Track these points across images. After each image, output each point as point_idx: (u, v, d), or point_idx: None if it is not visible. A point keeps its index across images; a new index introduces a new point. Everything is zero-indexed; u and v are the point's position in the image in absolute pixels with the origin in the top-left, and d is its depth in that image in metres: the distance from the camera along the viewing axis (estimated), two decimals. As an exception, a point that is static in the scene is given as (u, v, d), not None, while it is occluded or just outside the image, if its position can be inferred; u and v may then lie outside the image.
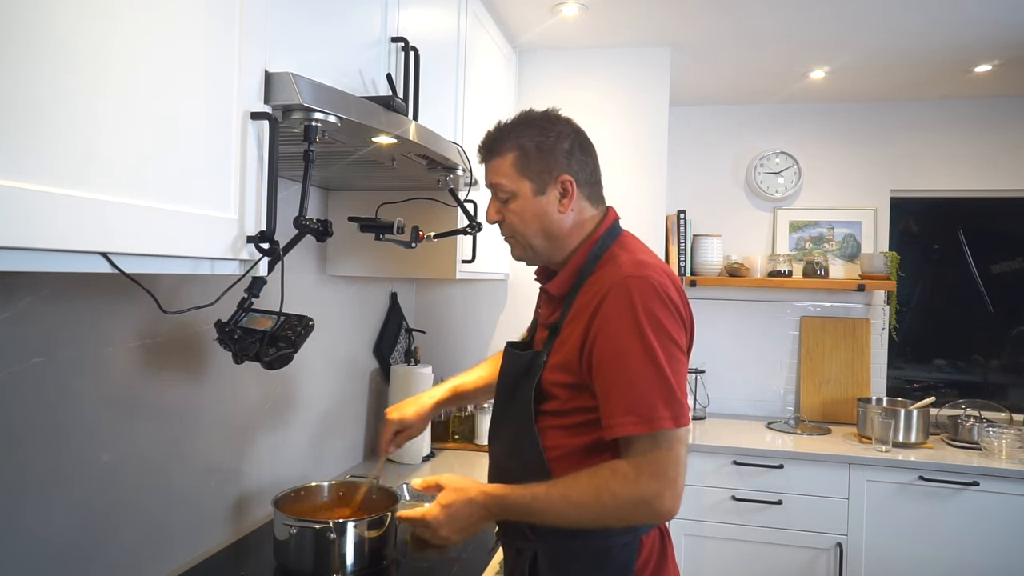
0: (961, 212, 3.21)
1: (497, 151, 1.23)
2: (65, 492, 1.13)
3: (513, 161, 1.21)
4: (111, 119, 0.72)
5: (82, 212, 0.68)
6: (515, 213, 1.23)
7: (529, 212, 1.22)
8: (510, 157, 1.22)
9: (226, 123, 0.90)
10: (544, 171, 1.21)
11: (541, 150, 1.21)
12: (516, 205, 1.23)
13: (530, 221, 1.23)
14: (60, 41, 0.65)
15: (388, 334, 2.41)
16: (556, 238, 1.24)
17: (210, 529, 1.51)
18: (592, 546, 1.16)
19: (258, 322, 1.13)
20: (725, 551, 2.63)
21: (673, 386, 1.08)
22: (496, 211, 1.26)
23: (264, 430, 1.71)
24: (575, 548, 1.17)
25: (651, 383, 1.06)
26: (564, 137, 1.23)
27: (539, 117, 1.25)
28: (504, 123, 1.26)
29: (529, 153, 1.21)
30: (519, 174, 1.21)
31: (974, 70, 2.67)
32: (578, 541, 1.16)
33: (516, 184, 1.22)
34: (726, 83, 2.97)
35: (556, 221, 1.23)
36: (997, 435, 2.57)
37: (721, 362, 3.21)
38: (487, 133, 1.27)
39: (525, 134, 1.22)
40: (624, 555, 1.17)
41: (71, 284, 1.13)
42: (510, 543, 1.28)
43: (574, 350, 1.14)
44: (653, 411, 1.06)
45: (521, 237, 1.25)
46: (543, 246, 1.25)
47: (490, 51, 2.26)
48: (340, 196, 2.00)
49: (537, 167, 1.21)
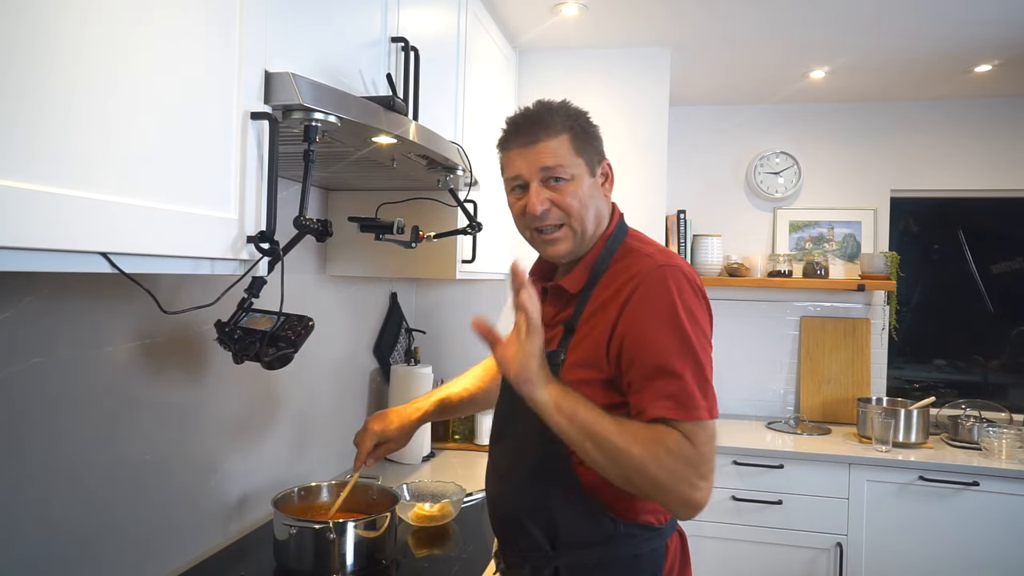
0: (961, 212, 3.21)
1: (551, 131, 1.14)
2: (65, 492, 1.13)
3: (570, 141, 1.15)
4: (111, 119, 0.72)
5: (82, 212, 0.68)
6: (575, 196, 1.14)
7: (587, 195, 1.16)
8: (566, 137, 1.15)
9: (226, 123, 0.90)
10: (594, 153, 1.18)
11: (588, 132, 1.18)
12: (575, 187, 1.14)
13: (588, 205, 1.16)
14: (60, 41, 0.65)
15: (388, 334, 2.41)
16: (599, 222, 1.18)
17: (210, 529, 1.51)
18: (621, 553, 1.11)
19: (258, 322, 1.13)
20: (725, 551, 2.63)
21: (708, 377, 1.05)
22: (546, 199, 1.14)
23: (264, 430, 1.71)
24: (603, 557, 1.10)
25: (690, 373, 1.02)
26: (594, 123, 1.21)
27: (563, 104, 1.19)
28: (545, 103, 1.18)
29: (581, 134, 1.16)
30: (576, 154, 1.15)
31: (974, 70, 2.67)
32: (606, 550, 1.10)
33: (574, 164, 1.15)
34: (726, 83, 2.97)
35: (603, 206, 1.19)
36: (997, 435, 2.57)
37: (721, 362, 3.15)
38: (525, 114, 1.17)
39: (574, 115, 1.17)
40: (653, 562, 1.13)
41: (71, 284, 1.13)
42: (521, 562, 1.17)
43: (600, 344, 1.09)
44: (692, 400, 1.01)
45: (578, 223, 1.15)
46: (592, 233, 1.18)
47: (490, 51, 2.26)
48: (340, 196, 2.00)
49: (590, 148, 1.17)
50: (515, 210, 1.20)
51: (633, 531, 1.11)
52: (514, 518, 1.17)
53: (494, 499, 1.24)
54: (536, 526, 1.14)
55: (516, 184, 1.18)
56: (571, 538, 1.12)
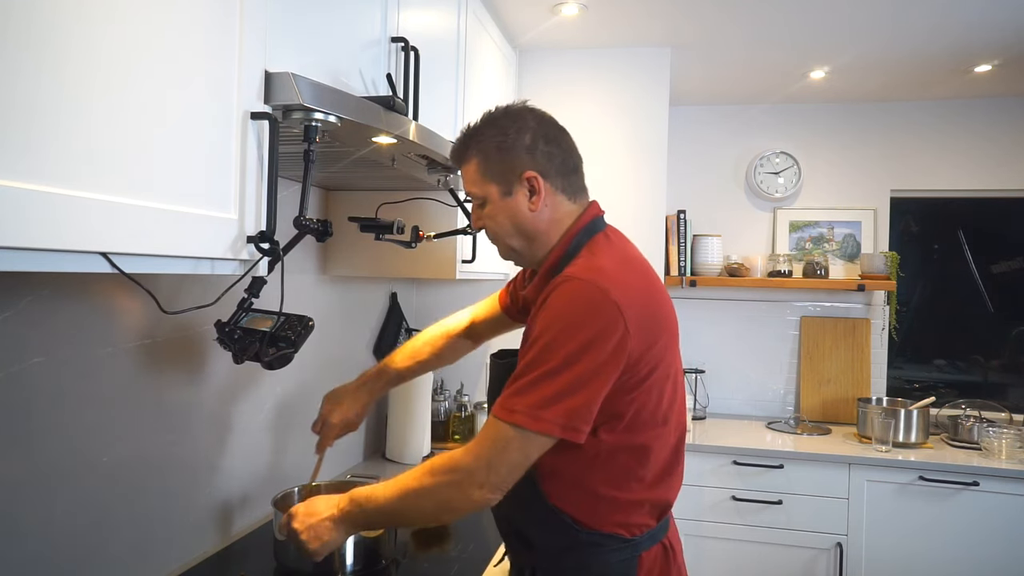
0: (961, 212, 3.21)
1: (462, 159, 1.22)
2: (65, 492, 1.13)
3: (476, 167, 1.19)
4: (111, 119, 0.72)
5: (82, 212, 0.68)
6: (489, 217, 1.21)
7: (501, 215, 1.19)
8: (473, 163, 1.20)
9: (226, 123, 0.90)
10: (507, 171, 1.17)
11: (501, 150, 1.17)
12: (489, 209, 1.20)
13: (503, 223, 1.20)
14: (59, 41, 0.65)
15: (388, 334, 2.41)
16: (533, 237, 1.20)
17: (210, 529, 1.51)
18: (590, 561, 1.14)
19: (258, 322, 1.14)
20: (725, 551, 2.63)
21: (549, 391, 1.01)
22: (477, 217, 1.24)
23: (264, 430, 1.71)
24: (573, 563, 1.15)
25: (526, 381, 1.03)
26: (524, 131, 1.17)
27: (500, 115, 1.20)
28: (468, 127, 1.22)
29: (490, 155, 1.18)
30: (484, 179, 1.19)
31: (974, 70, 2.67)
32: (576, 555, 1.14)
33: (483, 189, 1.19)
34: (726, 83, 2.97)
35: (529, 220, 1.18)
36: (997, 435, 2.56)
37: (721, 362, 3.21)
38: (456, 140, 1.25)
39: (486, 136, 1.19)
40: (623, 572, 1.14)
41: (71, 284, 1.13)
42: (513, 559, 1.27)
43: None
44: (511, 404, 1.03)
45: (500, 240, 1.23)
46: (523, 246, 1.22)
47: (490, 51, 2.26)
48: (340, 196, 2.00)
49: (499, 168, 1.17)
50: None
51: (598, 540, 1.13)
52: (503, 519, 1.25)
53: None
54: (510, 529, 1.23)
55: None
56: (542, 543, 1.17)
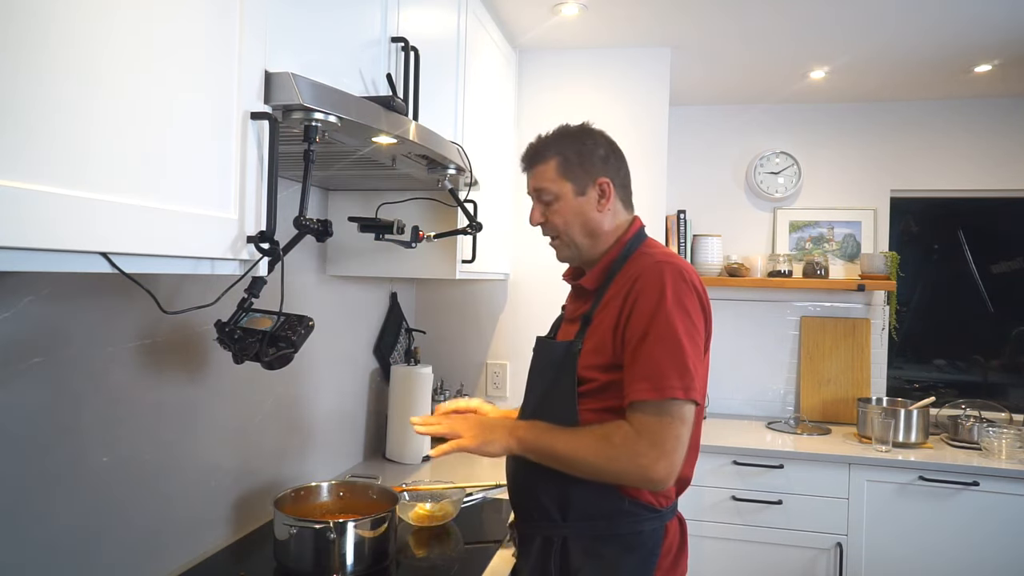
0: (961, 212, 3.21)
1: (541, 158, 1.37)
2: (65, 492, 1.13)
3: (555, 166, 1.35)
4: (110, 118, 0.72)
5: (82, 212, 0.68)
6: (559, 214, 1.36)
7: (571, 212, 1.35)
8: (552, 163, 1.35)
9: (226, 123, 0.90)
10: (584, 174, 1.35)
11: (580, 155, 1.35)
12: (559, 206, 1.35)
13: (572, 220, 1.35)
14: (59, 40, 0.65)
15: (388, 334, 2.41)
16: (596, 235, 1.37)
17: (210, 529, 1.51)
18: (624, 528, 1.25)
19: (258, 322, 1.13)
20: (725, 551, 2.63)
21: (688, 360, 1.17)
22: (540, 214, 1.39)
23: (264, 430, 1.71)
24: (608, 530, 1.25)
25: (667, 355, 1.17)
26: (599, 144, 1.38)
27: (576, 129, 1.39)
28: (544, 135, 1.40)
29: (570, 158, 1.35)
30: (561, 177, 1.35)
31: (974, 70, 2.67)
32: (611, 523, 1.25)
33: (559, 186, 1.35)
34: (726, 83, 2.97)
35: (596, 219, 1.36)
36: (997, 435, 2.56)
37: (721, 362, 3.21)
38: (529, 145, 1.41)
39: (565, 142, 1.36)
40: (652, 540, 1.26)
41: (71, 284, 1.13)
42: (534, 532, 1.33)
43: (608, 331, 1.25)
44: (664, 380, 1.16)
45: (566, 236, 1.37)
46: (585, 244, 1.37)
47: (490, 51, 2.26)
48: (340, 196, 2.00)
49: (577, 170, 1.35)
50: None
51: (636, 509, 1.26)
52: (531, 490, 1.32)
53: (514, 472, 1.39)
54: (550, 498, 1.29)
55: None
56: (581, 511, 1.27)
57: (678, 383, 1.16)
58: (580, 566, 1.26)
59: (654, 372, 1.16)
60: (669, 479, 1.17)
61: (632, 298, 1.22)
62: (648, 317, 1.19)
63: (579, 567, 1.26)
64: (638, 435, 1.16)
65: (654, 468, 1.15)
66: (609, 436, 1.19)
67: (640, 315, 1.20)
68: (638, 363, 1.18)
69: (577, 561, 1.26)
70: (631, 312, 1.22)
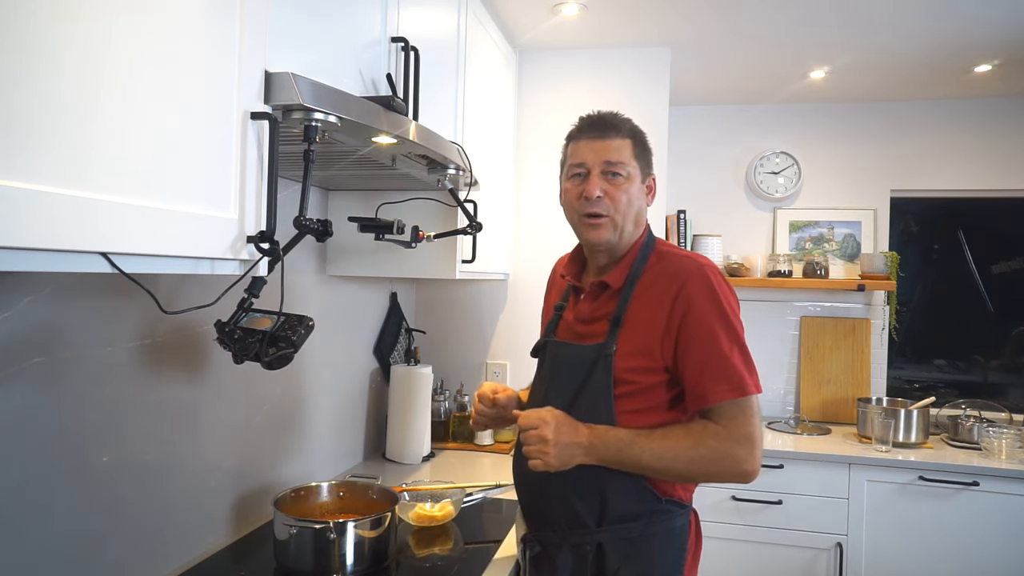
0: (961, 212, 3.21)
1: (621, 132, 1.33)
2: (65, 492, 1.13)
3: (632, 146, 1.33)
4: (110, 118, 0.72)
5: (82, 212, 0.68)
6: (625, 193, 1.32)
7: (635, 195, 1.33)
8: (630, 142, 1.33)
9: (226, 123, 0.90)
10: (646, 164, 1.37)
11: (645, 146, 1.37)
12: (628, 185, 1.32)
13: (633, 204, 1.33)
14: (59, 40, 0.65)
15: (388, 334, 2.41)
16: (639, 226, 1.36)
17: (210, 529, 1.51)
18: (658, 528, 1.26)
19: (258, 322, 1.13)
20: (725, 551, 2.63)
21: (751, 357, 1.25)
22: (608, 184, 1.31)
23: (264, 430, 1.71)
24: (643, 531, 1.25)
25: (737, 355, 1.22)
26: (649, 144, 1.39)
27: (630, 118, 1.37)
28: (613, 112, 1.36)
29: (643, 145, 1.36)
30: (635, 159, 1.33)
31: (974, 70, 2.67)
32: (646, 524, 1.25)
33: (632, 167, 1.33)
34: (726, 83, 2.97)
35: (643, 210, 1.37)
36: (997, 435, 2.56)
37: (721, 362, 3.21)
38: (600, 114, 1.35)
39: (635, 128, 1.35)
40: (683, 533, 1.29)
41: (71, 284, 1.13)
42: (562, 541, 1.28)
43: (654, 335, 1.24)
44: (742, 379, 1.21)
45: (620, 217, 1.32)
46: (629, 231, 1.34)
47: (490, 51, 2.26)
48: (340, 196, 2.00)
49: (645, 158, 1.37)
50: (571, 195, 1.35)
51: (670, 507, 1.27)
52: (559, 497, 1.28)
53: (534, 481, 1.31)
54: (583, 503, 1.26)
55: (577, 172, 1.34)
56: (617, 514, 1.25)
57: (751, 380, 1.22)
58: (617, 568, 1.24)
59: (731, 373, 1.21)
60: (759, 468, 1.22)
61: (683, 303, 1.23)
62: (711, 321, 1.22)
63: (616, 569, 1.24)
64: (729, 433, 1.20)
65: (750, 462, 1.20)
66: (702, 439, 1.21)
67: (700, 320, 1.22)
68: (711, 366, 1.21)
69: (614, 563, 1.25)
70: (685, 317, 1.23)
